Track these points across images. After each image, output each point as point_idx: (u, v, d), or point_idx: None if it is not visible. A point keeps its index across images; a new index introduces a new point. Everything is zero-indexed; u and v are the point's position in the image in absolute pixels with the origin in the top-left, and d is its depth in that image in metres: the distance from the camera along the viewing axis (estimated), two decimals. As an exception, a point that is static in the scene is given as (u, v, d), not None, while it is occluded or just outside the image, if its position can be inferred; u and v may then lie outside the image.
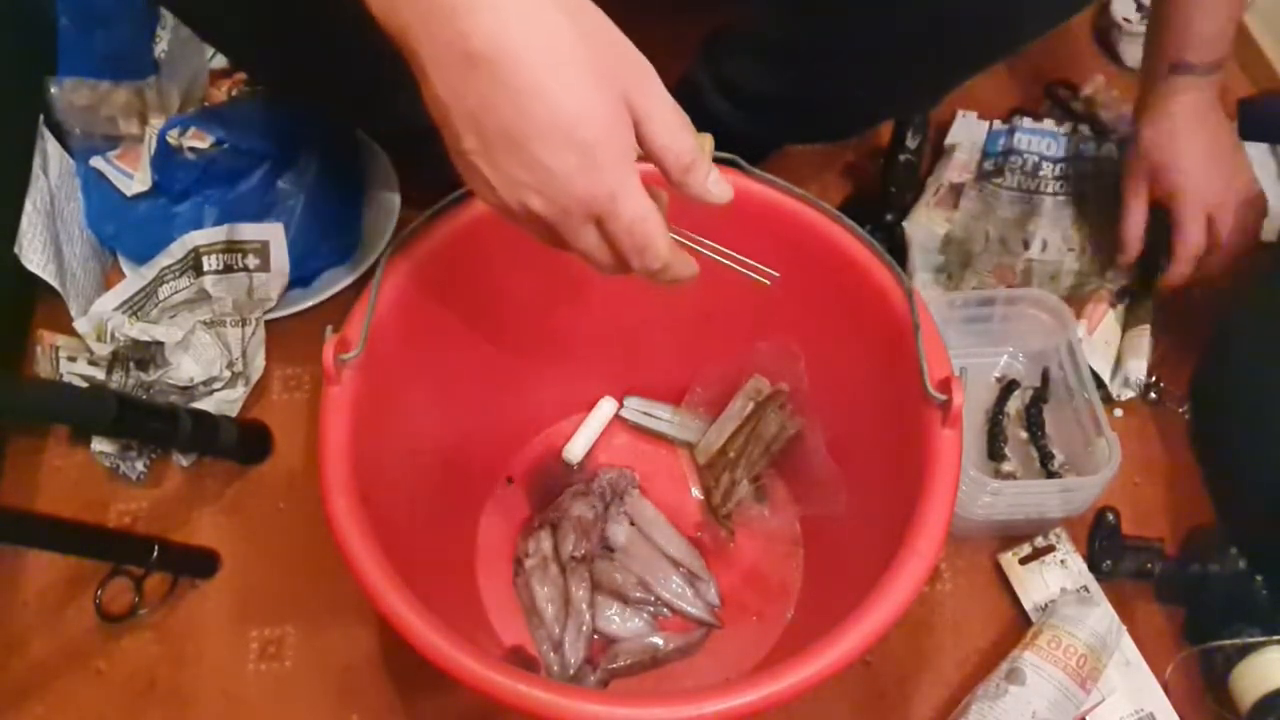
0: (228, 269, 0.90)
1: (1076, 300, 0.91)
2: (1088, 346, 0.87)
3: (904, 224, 0.95)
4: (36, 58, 0.94)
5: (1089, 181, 0.98)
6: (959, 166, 0.99)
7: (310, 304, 0.92)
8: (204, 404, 0.86)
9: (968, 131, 1.02)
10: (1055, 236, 0.95)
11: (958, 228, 0.95)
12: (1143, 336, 0.89)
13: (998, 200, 0.97)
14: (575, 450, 0.84)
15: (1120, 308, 0.91)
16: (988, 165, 0.99)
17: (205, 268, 0.90)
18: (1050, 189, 0.98)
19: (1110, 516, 0.79)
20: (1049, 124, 1.01)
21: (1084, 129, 1.01)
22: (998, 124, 1.02)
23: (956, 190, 0.98)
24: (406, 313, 0.64)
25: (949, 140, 1.02)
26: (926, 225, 0.95)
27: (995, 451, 0.85)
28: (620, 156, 0.44)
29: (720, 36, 0.84)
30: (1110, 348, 0.89)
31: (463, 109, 0.43)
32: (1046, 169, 0.98)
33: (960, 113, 1.04)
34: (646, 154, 0.47)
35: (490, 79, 0.42)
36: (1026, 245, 0.94)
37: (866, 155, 1.03)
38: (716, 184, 0.50)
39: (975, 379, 0.89)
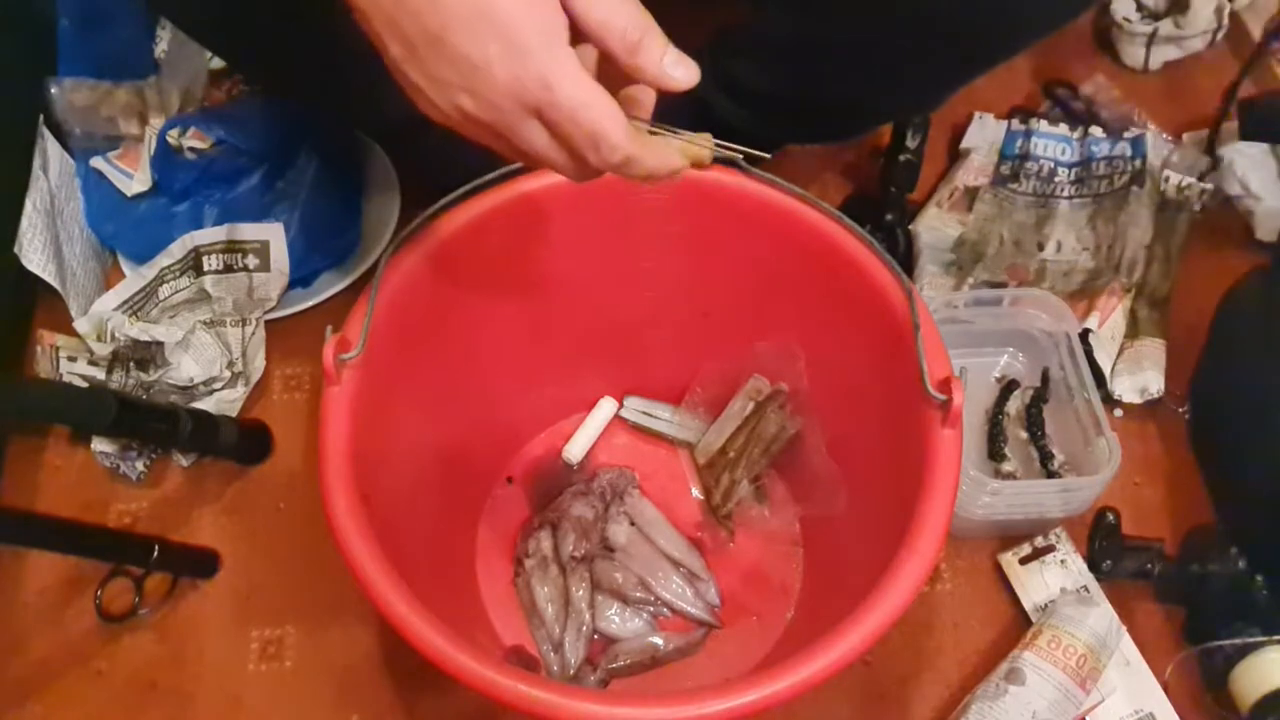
0: (228, 269, 0.90)
1: (1088, 294, 0.91)
2: (1095, 340, 0.87)
3: (913, 227, 0.95)
4: (36, 58, 0.94)
5: (1102, 182, 0.98)
6: (975, 169, 1.00)
7: (310, 304, 0.92)
8: (204, 404, 0.86)
9: (983, 134, 1.03)
10: (1070, 238, 0.95)
11: (972, 230, 0.95)
12: (1159, 350, 0.89)
13: (1013, 205, 0.97)
14: (575, 450, 0.84)
15: (1128, 302, 0.91)
16: (1004, 169, 0.99)
17: (205, 268, 0.90)
18: (1065, 193, 0.98)
19: (1110, 516, 0.79)
20: (1063, 128, 1.01)
21: (1096, 130, 1.01)
22: (1015, 125, 1.02)
23: (971, 194, 0.98)
24: (406, 313, 0.64)
25: (965, 144, 1.02)
26: (939, 228, 0.96)
27: (995, 451, 0.85)
28: (546, 37, 0.41)
29: (723, 35, 0.84)
30: (1116, 344, 0.89)
31: (381, 14, 0.41)
32: (1062, 174, 0.99)
33: (977, 115, 1.04)
34: (585, 35, 0.43)
35: None
36: (1041, 247, 0.95)
37: (866, 155, 1.03)
38: (676, 64, 0.44)
39: (975, 379, 0.89)
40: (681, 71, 0.45)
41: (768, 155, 0.57)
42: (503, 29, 0.40)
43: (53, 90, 0.93)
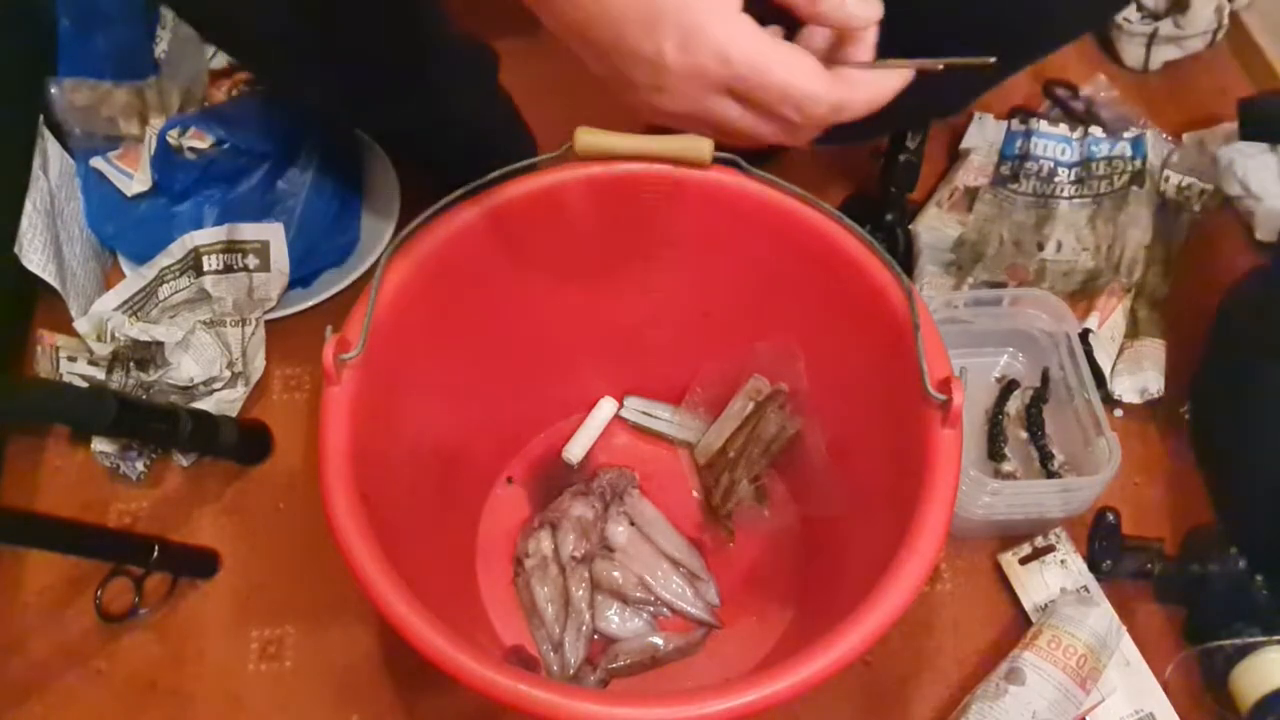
0: (228, 269, 0.90)
1: (1088, 294, 0.91)
2: (1095, 340, 0.87)
3: (913, 227, 0.95)
4: (36, 58, 0.94)
5: (1102, 182, 0.98)
6: (975, 170, 1.00)
7: (310, 304, 0.92)
8: (204, 404, 0.86)
9: (983, 134, 1.03)
10: (1070, 238, 0.95)
11: (971, 230, 0.95)
12: (1159, 350, 0.89)
13: (1013, 205, 0.97)
14: (575, 450, 0.84)
15: (1128, 302, 0.91)
16: (1004, 169, 0.99)
17: (205, 268, 0.90)
18: (1065, 193, 0.98)
19: (1110, 516, 0.79)
20: (1063, 128, 1.01)
21: (1096, 130, 1.01)
22: (1015, 125, 1.02)
23: (971, 194, 0.98)
24: (406, 313, 0.64)
25: (964, 144, 1.02)
26: (938, 228, 0.96)
27: (995, 451, 0.85)
28: (712, 13, 0.40)
29: None
30: (1116, 344, 0.89)
31: (573, 37, 0.41)
32: (1062, 174, 0.99)
33: (977, 115, 1.04)
34: None
35: None
36: (1041, 247, 0.95)
37: (866, 155, 1.03)
38: (858, 3, 0.43)
39: (975, 379, 0.89)
40: (864, 8, 0.43)
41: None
42: (670, 17, 0.39)
43: (53, 90, 0.93)
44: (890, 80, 0.45)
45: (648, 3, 0.39)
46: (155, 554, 0.75)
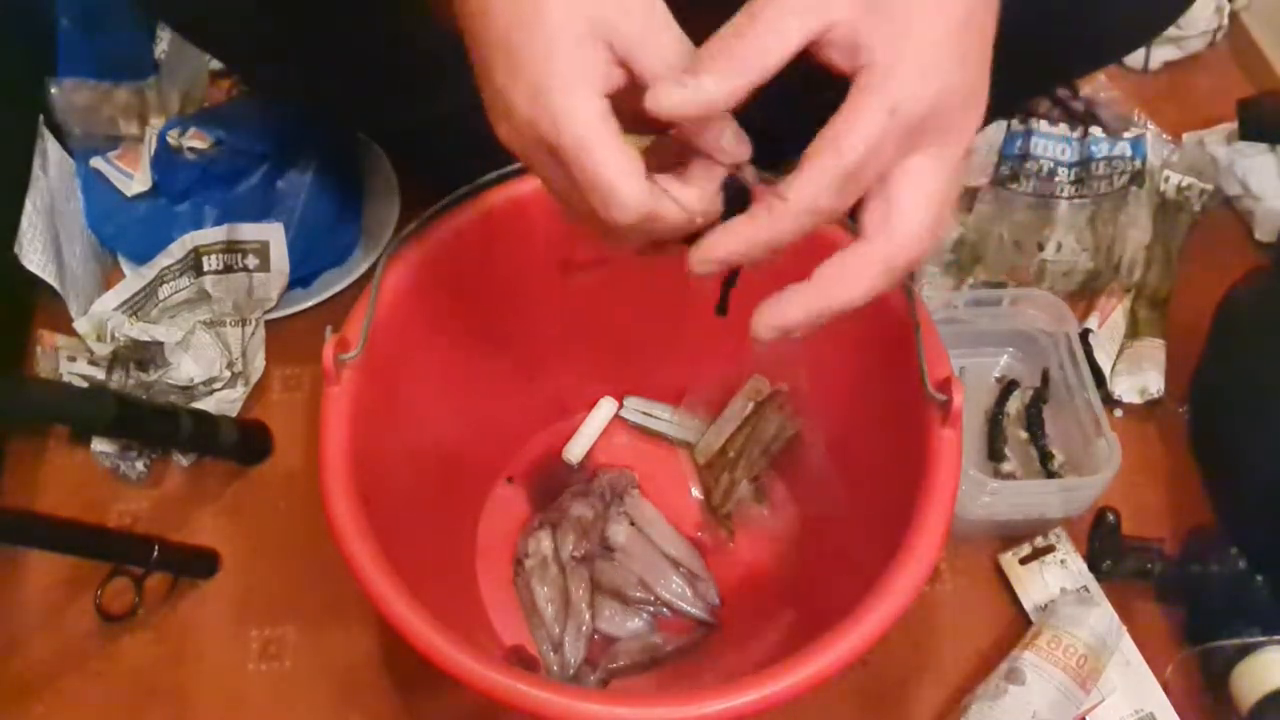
0: (228, 269, 0.90)
1: (1088, 294, 0.91)
2: (1095, 340, 0.87)
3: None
4: (36, 58, 0.94)
5: (1102, 182, 0.98)
6: (975, 169, 1.00)
7: (310, 304, 0.92)
8: (204, 404, 0.86)
9: (983, 135, 1.02)
10: (1070, 239, 0.95)
11: (971, 230, 0.95)
12: (1159, 350, 0.89)
13: (1013, 205, 0.97)
14: (575, 450, 0.84)
15: (1128, 302, 0.91)
16: (1004, 169, 0.99)
17: (205, 268, 0.90)
18: (1065, 193, 0.98)
19: (1110, 516, 0.79)
20: (1063, 128, 1.01)
21: (1096, 130, 1.01)
22: (1015, 125, 1.02)
23: (971, 194, 0.98)
24: (406, 313, 0.64)
25: None
26: (939, 229, 0.96)
27: (995, 451, 0.85)
28: (567, 79, 0.40)
29: None
30: (1115, 344, 0.89)
31: (469, 33, 0.43)
32: (1061, 174, 0.99)
33: None
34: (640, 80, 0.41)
35: None
36: (1041, 248, 0.94)
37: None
38: (735, 140, 0.42)
39: (975, 379, 0.89)
40: (736, 148, 0.42)
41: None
42: (527, 69, 0.40)
43: (53, 90, 0.93)
44: (702, 199, 0.43)
45: (513, 49, 0.40)
46: (155, 554, 0.75)
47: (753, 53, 0.40)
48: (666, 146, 0.45)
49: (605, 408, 0.87)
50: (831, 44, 0.40)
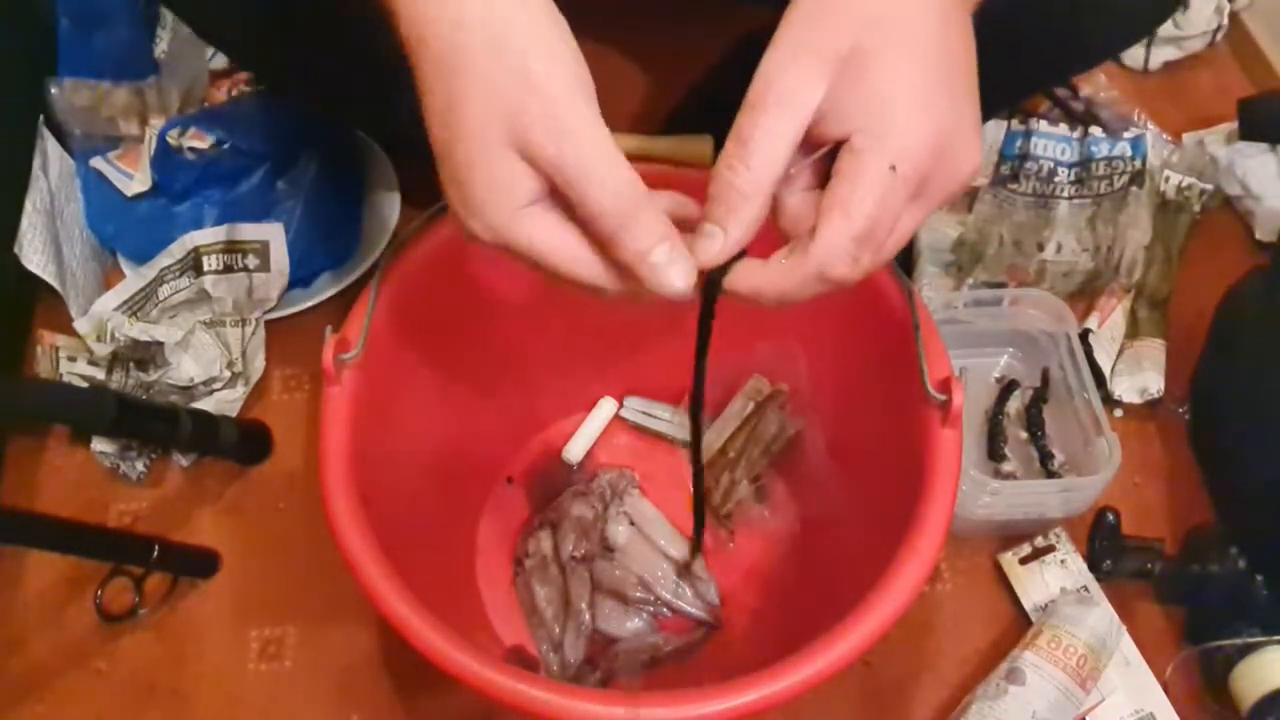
0: (228, 269, 0.90)
1: (1088, 294, 0.91)
2: (1095, 340, 0.87)
3: (912, 228, 0.95)
4: (36, 58, 0.94)
5: (1102, 182, 0.98)
6: None
7: (310, 304, 0.92)
8: (204, 404, 0.86)
9: (983, 134, 1.02)
10: (1070, 239, 0.95)
11: (971, 231, 0.95)
12: (1159, 350, 0.89)
13: (1013, 205, 0.97)
14: (575, 450, 0.84)
15: (1128, 302, 0.91)
16: (1004, 169, 0.99)
17: (205, 268, 0.90)
18: (1065, 193, 0.98)
19: (1110, 516, 0.79)
20: (1063, 128, 1.01)
21: (1095, 130, 1.01)
22: (1015, 125, 1.02)
23: (970, 194, 0.98)
24: (406, 313, 0.64)
25: None
26: (938, 228, 0.96)
27: (995, 451, 0.85)
28: (494, 197, 0.40)
29: (755, 34, 0.84)
30: (1115, 344, 0.89)
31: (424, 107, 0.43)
32: (1062, 174, 0.98)
33: None
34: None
35: (419, 74, 0.41)
36: (1041, 248, 0.94)
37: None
38: (668, 265, 0.40)
39: (975, 379, 0.89)
40: (675, 277, 0.41)
41: None
42: (457, 175, 0.40)
43: (53, 90, 0.93)
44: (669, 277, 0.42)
45: (442, 152, 0.40)
46: (155, 554, 0.75)
47: (761, 178, 0.41)
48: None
49: (605, 408, 0.87)
50: (819, 121, 0.41)
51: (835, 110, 0.40)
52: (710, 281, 0.42)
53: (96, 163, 0.94)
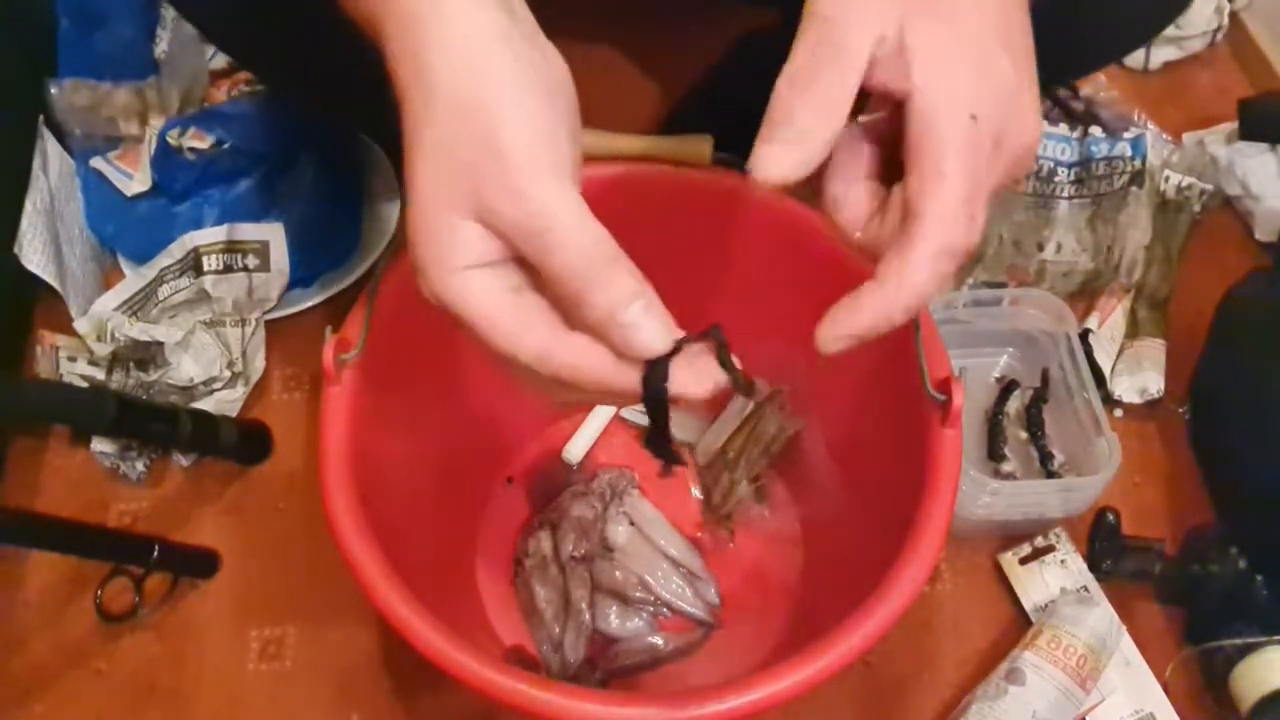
0: (228, 269, 0.90)
1: (1088, 294, 0.91)
2: (1095, 340, 0.87)
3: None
4: (36, 58, 0.94)
5: (1102, 182, 0.98)
6: None
7: (310, 304, 0.92)
8: (204, 404, 0.86)
9: None
10: (1070, 239, 0.95)
11: (971, 231, 0.95)
12: (1159, 350, 0.89)
13: (1013, 205, 0.97)
14: (575, 450, 0.84)
15: (1128, 302, 0.91)
16: None
17: (205, 268, 0.90)
18: (1065, 193, 0.98)
19: (1110, 516, 0.79)
20: (1063, 128, 1.01)
21: (1095, 130, 1.01)
22: None
23: None
24: (406, 313, 0.63)
25: None
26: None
27: (995, 451, 0.85)
28: (441, 267, 0.38)
29: (754, 34, 0.83)
30: (1115, 344, 0.89)
31: None
32: (1061, 174, 0.99)
33: None
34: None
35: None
36: (1041, 248, 0.94)
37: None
38: (647, 325, 0.37)
39: (975, 379, 0.89)
40: (648, 337, 0.37)
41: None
42: (412, 238, 0.39)
43: (53, 90, 0.93)
44: (604, 371, 0.39)
45: (406, 214, 0.39)
46: (155, 554, 0.75)
47: (834, 90, 0.38)
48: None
49: (605, 408, 0.87)
50: (878, 61, 0.39)
51: (895, 60, 0.38)
52: (654, 374, 0.37)
53: (96, 163, 0.94)
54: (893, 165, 0.41)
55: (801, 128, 0.38)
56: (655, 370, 0.37)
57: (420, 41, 0.38)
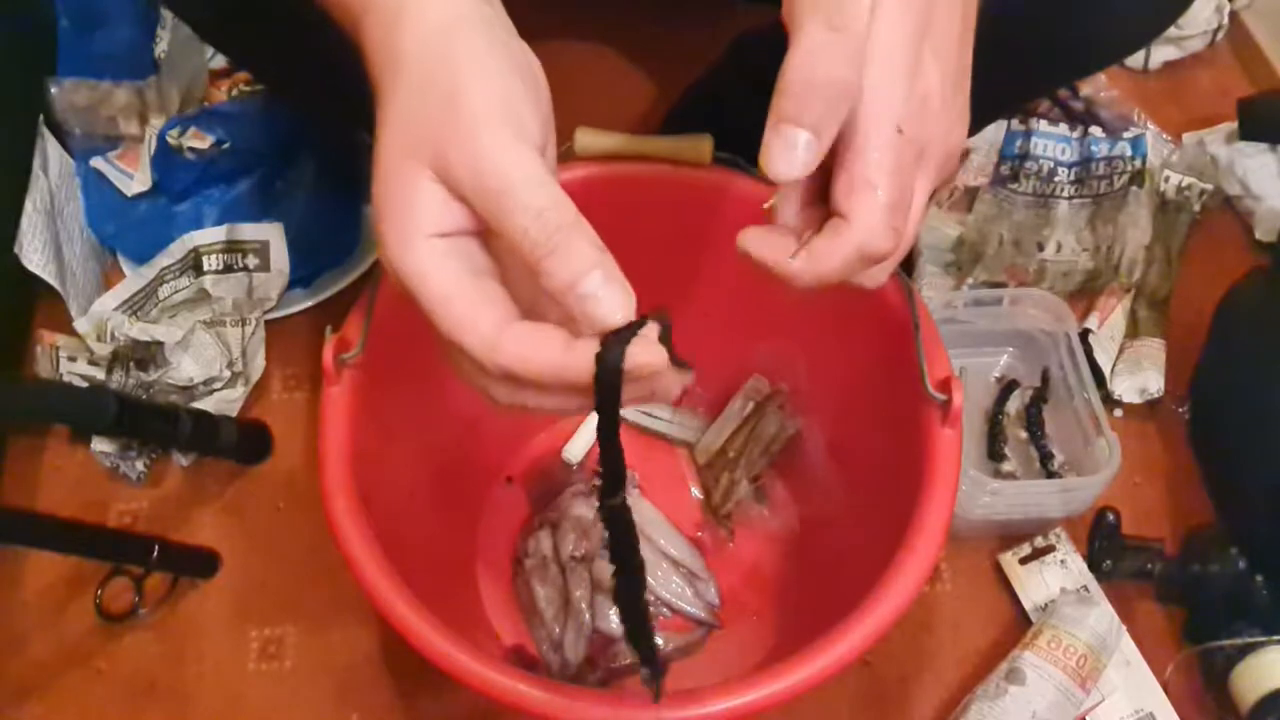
0: (228, 269, 0.90)
1: (1088, 294, 0.91)
2: (1095, 340, 0.87)
3: (912, 227, 0.95)
4: (36, 58, 0.94)
5: (1102, 182, 0.98)
6: (974, 169, 1.00)
7: (310, 304, 0.92)
8: (204, 404, 0.86)
9: (982, 134, 1.02)
10: (1070, 239, 0.95)
11: (971, 230, 0.95)
12: (1159, 350, 0.89)
13: (1013, 205, 0.97)
14: (575, 450, 0.84)
15: (1128, 302, 0.91)
16: (1004, 169, 0.99)
17: (205, 267, 0.90)
18: (1065, 193, 0.98)
19: (1110, 516, 0.79)
20: (1063, 128, 1.01)
21: (1095, 130, 1.01)
22: (1015, 125, 1.02)
23: (971, 194, 0.98)
24: (406, 312, 0.63)
25: (965, 143, 1.02)
26: (938, 228, 0.96)
27: (995, 451, 0.85)
28: (401, 232, 0.37)
29: (750, 34, 0.83)
30: (1115, 344, 0.89)
31: None
32: (1061, 174, 0.99)
33: None
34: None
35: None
36: (1041, 248, 0.95)
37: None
38: (607, 296, 0.36)
39: (975, 379, 0.89)
40: (608, 308, 0.36)
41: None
42: (377, 224, 0.38)
43: (53, 90, 0.93)
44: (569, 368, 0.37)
45: (373, 202, 0.38)
46: (155, 554, 0.75)
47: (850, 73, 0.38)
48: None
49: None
50: None
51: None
52: (609, 351, 0.35)
53: (96, 162, 0.94)
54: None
55: (811, 121, 0.38)
56: (611, 346, 0.35)
57: (395, 31, 0.38)
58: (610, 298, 0.36)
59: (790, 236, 0.41)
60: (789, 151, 0.37)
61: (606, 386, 0.36)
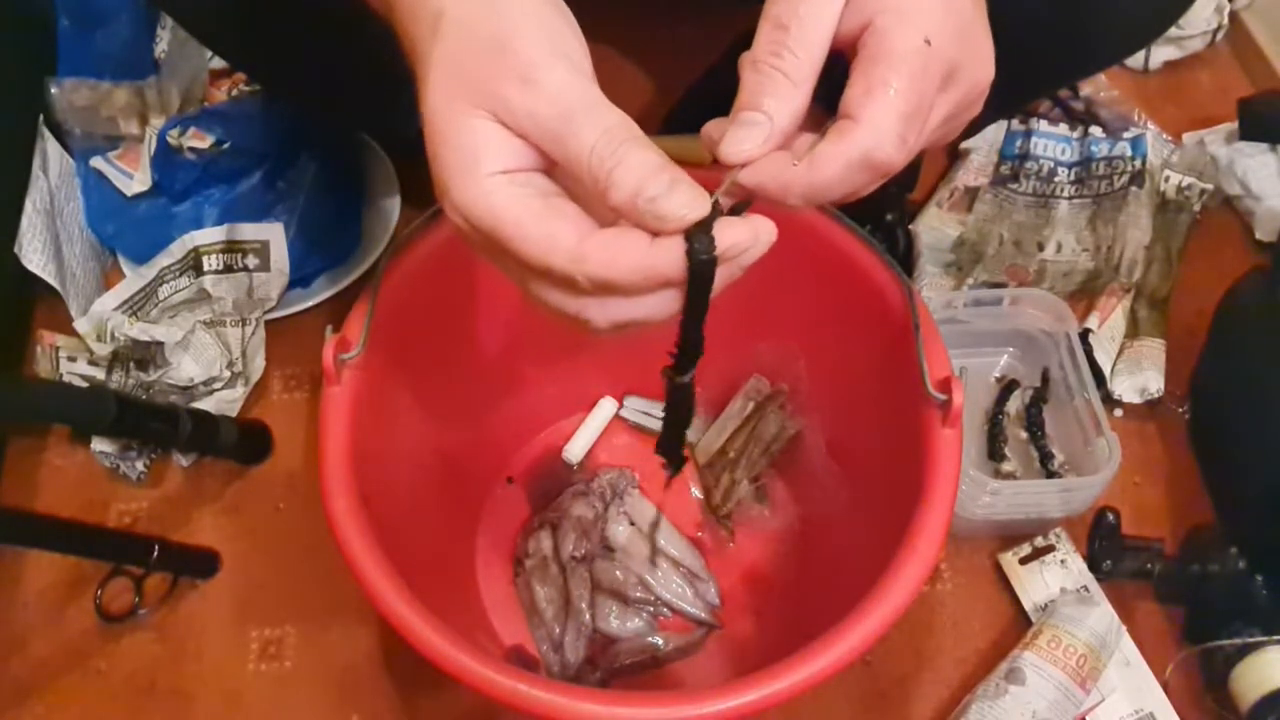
0: (228, 269, 0.90)
1: (1088, 294, 0.91)
2: (1095, 340, 0.87)
3: (912, 227, 0.95)
4: (36, 58, 0.94)
5: (1102, 182, 0.98)
6: (975, 170, 1.00)
7: (310, 304, 0.92)
8: (204, 404, 0.86)
9: (983, 134, 1.03)
10: (1070, 239, 0.95)
11: (971, 230, 0.95)
12: (1159, 350, 0.89)
13: (1013, 205, 0.97)
14: (575, 450, 0.84)
15: (1128, 302, 0.92)
16: (1004, 169, 0.99)
17: (205, 268, 0.90)
18: (1065, 193, 0.98)
19: (1110, 516, 0.79)
20: (1063, 128, 1.01)
21: (1096, 130, 1.01)
22: (1016, 125, 1.02)
23: (971, 194, 0.98)
24: (406, 313, 0.64)
25: (964, 144, 1.02)
26: (938, 228, 0.96)
27: (995, 451, 0.85)
28: (467, 174, 0.37)
29: (750, 34, 0.83)
30: (1115, 344, 0.89)
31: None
32: (1062, 174, 0.99)
33: None
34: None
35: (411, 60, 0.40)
36: (1041, 248, 0.95)
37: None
38: (675, 194, 0.35)
39: (975, 379, 0.89)
40: (678, 204, 0.35)
41: None
42: (436, 173, 0.38)
43: (53, 90, 0.93)
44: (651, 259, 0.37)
45: (430, 155, 0.38)
46: (155, 554, 0.75)
47: (808, 61, 0.38)
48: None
49: (605, 408, 0.87)
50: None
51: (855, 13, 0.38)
52: (696, 245, 0.35)
53: (96, 162, 0.94)
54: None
55: (769, 109, 0.38)
56: (696, 235, 0.35)
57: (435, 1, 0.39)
58: (682, 194, 0.36)
59: (784, 153, 0.40)
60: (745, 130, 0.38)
61: (699, 275, 0.36)
